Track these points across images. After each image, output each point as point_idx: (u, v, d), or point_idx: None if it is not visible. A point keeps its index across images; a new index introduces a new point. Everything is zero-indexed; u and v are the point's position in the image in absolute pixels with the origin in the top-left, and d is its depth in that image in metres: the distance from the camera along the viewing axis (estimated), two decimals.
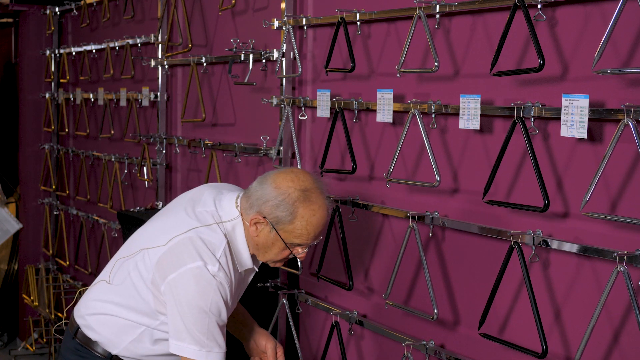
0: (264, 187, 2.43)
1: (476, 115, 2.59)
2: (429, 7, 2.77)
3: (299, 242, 2.44)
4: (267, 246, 2.46)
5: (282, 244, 2.44)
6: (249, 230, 2.46)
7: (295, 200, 2.39)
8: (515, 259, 2.48)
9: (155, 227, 2.54)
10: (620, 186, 2.27)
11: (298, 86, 3.60)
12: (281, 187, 2.40)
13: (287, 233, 2.41)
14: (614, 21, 2.15)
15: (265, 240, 2.45)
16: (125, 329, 2.50)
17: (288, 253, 2.47)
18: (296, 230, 2.40)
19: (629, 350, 2.28)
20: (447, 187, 2.84)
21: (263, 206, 2.41)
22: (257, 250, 2.49)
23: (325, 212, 2.44)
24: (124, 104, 5.09)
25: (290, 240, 2.43)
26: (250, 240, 2.47)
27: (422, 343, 2.86)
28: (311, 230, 2.41)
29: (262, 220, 2.41)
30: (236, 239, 2.46)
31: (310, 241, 2.45)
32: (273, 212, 2.39)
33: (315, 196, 2.41)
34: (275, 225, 2.40)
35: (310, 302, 3.47)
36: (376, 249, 3.21)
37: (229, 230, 2.45)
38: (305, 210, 2.39)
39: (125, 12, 5.16)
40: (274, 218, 2.40)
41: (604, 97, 2.28)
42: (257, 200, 2.42)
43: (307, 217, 2.39)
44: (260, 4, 3.86)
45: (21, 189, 6.72)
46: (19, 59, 6.62)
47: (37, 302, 6.23)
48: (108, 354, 2.52)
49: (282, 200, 2.39)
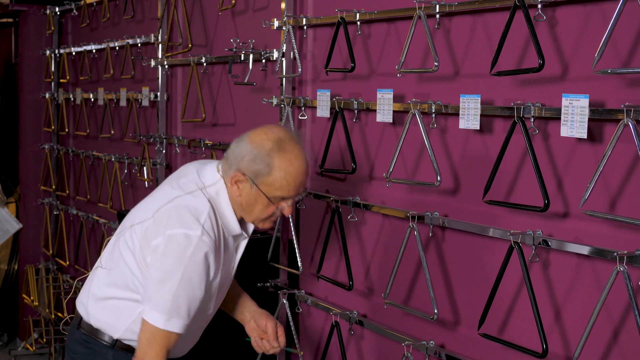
0: (239, 144, 2.44)
1: (476, 115, 2.59)
2: (429, 7, 2.77)
3: (281, 195, 2.42)
4: (250, 204, 2.45)
5: (265, 199, 2.42)
6: (232, 192, 2.46)
7: (269, 151, 2.39)
8: (515, 259, 2.48)
9: (143, 205, 2.56)
10: (620, 186, 2.27)
11: (298, 86, 3.60)
12: (255, 140, 2.41)
13: (268, 186, 2.40)
14: (614, 21, 2.15)
15: (248, 198, 2.44)
16: (124, 310, 2.49)
17: (273, 209, 2.45)
18: (276, 182, 2.39)
19: (628, 350, 2.28)
20: (447, 187, 2.84)
21: (240, 163, 2.41)
22: (242, 211, 2.48)
23: (303, 162, 2.43)
24: (124, 104, 5.09)
25: (272, 193, 2.41)
26: (235, 202, 2.47)
27: (422, 343, 2.86)
28: (291, 181, 2.40)
29: (242, 177, 2.41)
30: (221, 203, 2.46)
31: (292, 193, 2.43)
32: (250, 166, 2.40)
33: (291, 146, 2.41)
34: (255, 179, 2.40)
35: (310, 302, 3.47)
36: (376, 249, 3.21)
37: (212, 195, 2.45)
38: (281, 160, 2.39)
39: (125, 12, 5.16)
40: (252, 172, 2.40)
41: (604, 97, 2.28)
42: (234, 159, 2.43)
43: (285, 167, 2.39)
44: (260, 4, 3.86)
45: (21, 189, 6.72)
46: (19, 59, 6.62)
47: (37, 302, 6.23)
48: (113, 341, 2.52)
49: (257, 154, 2.39)
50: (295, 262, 3.45)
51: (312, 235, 3.57)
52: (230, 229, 2.48)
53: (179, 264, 2.33)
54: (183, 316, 2.36)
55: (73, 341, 2.60)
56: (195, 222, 2.36)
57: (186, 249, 2.33)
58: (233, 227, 2.49)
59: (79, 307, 2.60)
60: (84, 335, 2.56)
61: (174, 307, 2.34)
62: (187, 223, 2.36)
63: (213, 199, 2.45)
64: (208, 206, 2.41)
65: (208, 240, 2.36)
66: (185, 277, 2.34)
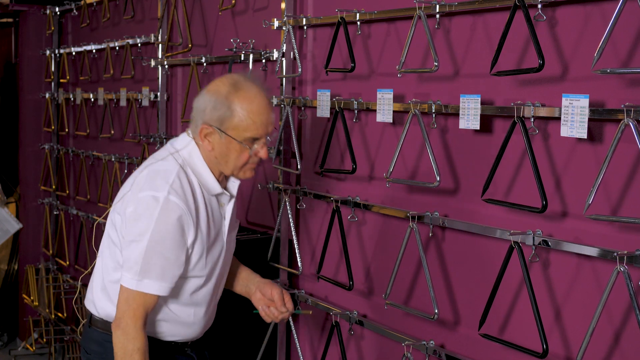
0: (199, 99, 2.47)
1: (476, 115, 2.59)
2: (429, 7, 2.77)
3: (251, 135, 2.42)
4: (224, 154, 2.46)
5: (237, 145, 2.43)
6: (205, 151, 2.47)
7: (227, 94, 2.41)
8: (515, 259, 2.48)
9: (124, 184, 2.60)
10: (621, 186, 2.27)
11: (298, 86, 3.60)
12: (212, 89, 2.45)
13: (235, 130, 2.41)
14: (613, 21, 2.15)
15: (220, 148, 2.45)
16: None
17: (247, 153, 2.45)
18: (241, 122, 2.40)
19: (629, 350, 2.28)
20: (447, 187, 2.84)
21: (204, 115, 2.43)
22: (219, 165, 2.48)
23: (264, 100, 2.44)
24: (124, 104, 5.09)
25: (242, 136, 2.42)
26: (210, 159, 2.48)
27: (422, 343, 2.86)
28: (256, 119, 2.41)
29: (209, 128, 2.43)
30: (195, 164, 2.47)
31: (261, 131, 2.43)
32: (213, 115, 2.41)
33: (247, 85, 2.43)
34: (221, 127, 2.41)
35: (310, 302, 3.47)
36: (376, 249, 3.21)
37: (186, 157, 2.47)
38: (240, 100, 2.40)
39: (125, 12, 5.16)
40: (217, 120, 2.41)
41: (604, 97, 2.28)
42: (197, 114, 2.46)
43: (246, 106, 2.40)
44: (260, 4, 3.86)
45: (21, 189, 6.72)
46: (19, 59, 6.62)
47: (37, 302, 6.23)
48: None
49: (217, 100, 2.41)
50: (295, 262, 3.45)
51: (312, 235, 3.57)
52: (209, 188, 2.49)
53: (148, 225, 2.35)
54: (156, 277, 2.36)
55: (87, 340, 2.59)
56: (163, 184, 2.38)
57: (154, 210, 2.35)
58: (212, 185, 2.49)
59: (87, 305, 2.60)
60: (96, 332, 2.54)
61: (144, 268, 2.35)
62: (155, 185, 2.39)
63: (187, 161, 2.46)
64: (177, 167, 2.43)
65: (176, 200, 2.37)
66: (155, 238, 2.34)
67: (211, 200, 2.50)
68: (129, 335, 2.36)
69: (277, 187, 3.57)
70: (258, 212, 3.96)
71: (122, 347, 2.36)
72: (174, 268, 2.38)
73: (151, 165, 2.46)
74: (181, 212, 2.37)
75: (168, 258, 2.37)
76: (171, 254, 2.37)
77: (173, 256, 2.37)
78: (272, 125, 2.48)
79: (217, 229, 2.52)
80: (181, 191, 2.39)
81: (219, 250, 2.54)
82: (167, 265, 2.37)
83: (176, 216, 2.36)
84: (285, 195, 3.52)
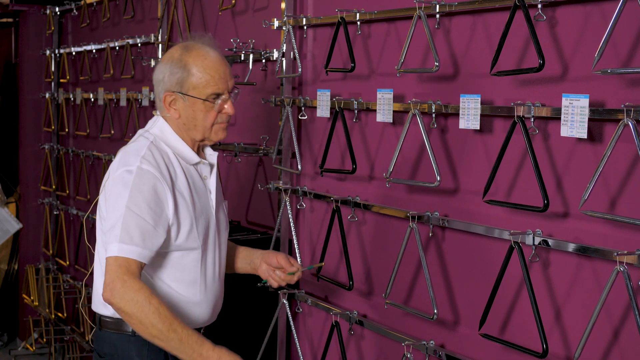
0: (155, 72, 2.52)
1: (476, 115, 2.59)
2: (429, 7, 2.77)
3: (212, 91, 2.44)
4: (191, 118, 2.48)
5: (201, 103, 2.45)
6: (173, 121, 2.50)
7: (179, 56, 2.46)
8: (515, 259, 2.48)
9: None
10: (620, 186, 2.27)
11: (298, 86, 3.60)
12: (165, 58, 2.50)
13: (195, 89, 2.44)
14: (614, 21, 2.15)
15: (186, 112, 2.48)
16: None
17: (214, 112, 2.47)
18: (200, 80, 2.44)
19: (628, 350, 2.28)
20: (447, 187, 2.84)
21: (163, 84, 2.48)
22: (189, 131, 2.50)
23: (217, 56, 2.48)
24: (124, 104, 5.09)
25: (203, 93, 2.44)
26: (180, 128, 2.50)
27: (422, 343, 2.86)
28: (213, 73, 2.44)
29: (171, 94, 2.47)
30: (168, 138, 2.49)
31: (221, 85, 2.46)
32: (172, 80, 2.45)
33: (198, 46, 2.47)
34: (181, 89, 2.45)
35: (310, 302, 3.47)
36: (376, 249, 3.21)
37: (157, 134, 2.50)
38: (193, 58, 2.45)
39: (125, 12, 5.16)
40: (176, 84, 2.45)
41: (604, 97, 2.28)
42: (157, 85, 2.50)
43: (200, 62, 2.44)
44: (260, 4, 3.86)
45: (21, 189, 6.72)
46: (19, 59, 6.62)
47: (37, 302, 6.23)
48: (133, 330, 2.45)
49: (171, 65, 2.46)
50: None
51: (312, 235, 3.57)
52: (186, 157, 2.50)
53: (124, 194, 2.35)
54: (137, 243, 2.32)
55: (99, 344, 2.55)
56: (135, 157, 2.41)
57: (128, 181, 2.36)
58: (187, 154, 2.50)
59: (96, 309, 2.56)
60: (107, 333, 2.51)
61: (124, 234, 2.31)
62: (128, 161, 2.41)
63: (158, 137, 2.49)
64: (147, 142, 2.45)
65: (150, 168, 2.38)
66: (132, 204, 2.33)
67: (190, 171, 2.51)
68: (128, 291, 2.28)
69: (277, 187, 3.57)
70: (258, 212, 3.96)
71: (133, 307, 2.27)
72: (154, 236, 2.35)
73: (123, 148, 2.50)
74: (155, 180, 2.38)
75: (147, 223, 2.34)
76: (150, 219, 2.35)
77: (152, 222, 2.35)
78: (232, 80, 2.50)
79: (204, 203, 2.52)
80: (154, 161, 2.41)
81: (208, 222, 2.53)
82: (146, 231, 2.34)
83: (151, 183, 2.37)
84: (285, 195, 3.52)
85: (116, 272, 2.30)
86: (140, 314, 2.28)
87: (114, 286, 2.29)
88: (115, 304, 2.30)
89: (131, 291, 2.28)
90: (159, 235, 2.37)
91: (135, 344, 2.46)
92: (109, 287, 2.30)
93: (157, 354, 2.45)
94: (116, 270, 2.31)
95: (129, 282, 2.29)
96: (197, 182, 2.52)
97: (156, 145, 2.46)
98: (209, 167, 2.57)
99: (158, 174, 2.38)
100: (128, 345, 2.47)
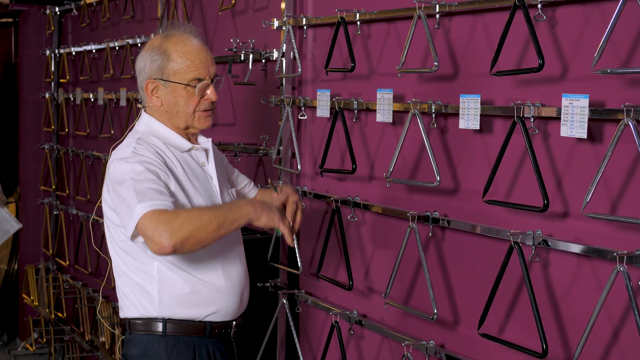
0: (136, 62, 2.53)
1: (476, 115, 2.59)
2: (429, 7, 2.77)
3: (194, 76, 2.45)
4: (173, 104, 2.48)
5: (182, 89, 2.45)
6: (157, 111, 2.50)
7: (159, 43, 2.48)
8: (515, 259, 2.48)
9: None
10: (620, 186, 2.27)
11: (298, 86, 3.60)
12: (145, 47, 2.52)
13: (176, 74, 2.45)
14: (614, 21, 2.15)
15: (168, 99, 2.48)
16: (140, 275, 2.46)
17: (196, 97, 2.47)
18: (180, 65, 2.45)
19: (628, 350, 2.28)
20: (447, 187, 2.84)
21: (144, 72, 2.49)
22: (172, 118, 2.50)
23: (198, 42, 2.49)
24: (124, 104, 5.09)
25: (184, 78, 2.45)
26: (164, 117, 2.50)
27: (422, 343, 2.86)
28: (194, 58, 2.45)
29: (153, 82, 2.48)
30: (157, 130, 2.50)
31: (202, 70, 2.46)
32: (152, 67, 2.47)
33: (177, 33, 2.50)
34: (162, 75, 2.46)
35: (310, 302, 3.47)
36: (376, 249, 3.21)
37: (143, 129, 2.51)
38: (173, 44, 2.46)
39: (125, 12, 5.16)
40: (157, 71, 2.46)
41: (604, 97, 2.28)
42: (139, 75, 2.52)
43: (180, 48, 2.46)
44: (260, 4, 3.86)
45: (21, 189, 6.72)
46: (19, 59, 6.63)
47: (37, 302, 6.24)
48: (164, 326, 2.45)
49: (152, 52, 2.48)
50: (295, 262, 3.45)
51: (312, 235, 3.57)
52: (177, 145, 2.50)
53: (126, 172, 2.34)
54: (154, 198, 2.28)
55: (128, 347, 2.52)
56: (127, 149, 2.43)
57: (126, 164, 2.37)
58: (178, 141, 2.51)
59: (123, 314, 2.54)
60: (138, 336, 2.49)
61: (139, 196, 2.28)
62: (121, 154, 2.43)
63: (145, 131, 2.49)
64: (136, 136, 2.47)
65: (143, 151, 2.39)
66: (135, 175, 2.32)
67: (186, 159, 2.50)
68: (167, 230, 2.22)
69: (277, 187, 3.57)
70: None
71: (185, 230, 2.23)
72: (166, 193, 2.33)
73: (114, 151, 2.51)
74: (151, 157, 2.39)
75: (156, 184, 2.32)
76: (158, 182, 2.33)
77: (161, 183, 2.34)
78: (214, 66, 2.51)
79: (206, 188, 2.51)
80: (146, 147, 2.42)
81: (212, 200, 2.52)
82: (158, 189, 2.31)
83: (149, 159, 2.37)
84: None
85: (152, 225, 2.24)
86: (194, 229, 2.25)
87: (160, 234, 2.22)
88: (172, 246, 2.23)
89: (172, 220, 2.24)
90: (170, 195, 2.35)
91: (166, 344, 2.46)
92: (156, 240, 2.23)
93: (186, 353, 2.46)
94: (148, 225, 2.24)
95: (162, 224, 2.23)
96: (195, 168, 2.52)
97: (144, 139, 2.46)
98: (204, 153, 2.57)
99: (153, 155, 2.40)
100: (158, 346, 2.46)
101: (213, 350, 2.50)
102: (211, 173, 2.56)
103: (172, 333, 2.46)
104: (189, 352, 2.46)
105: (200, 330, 2.48)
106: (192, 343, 2.47)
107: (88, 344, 5.67)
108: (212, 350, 2.50)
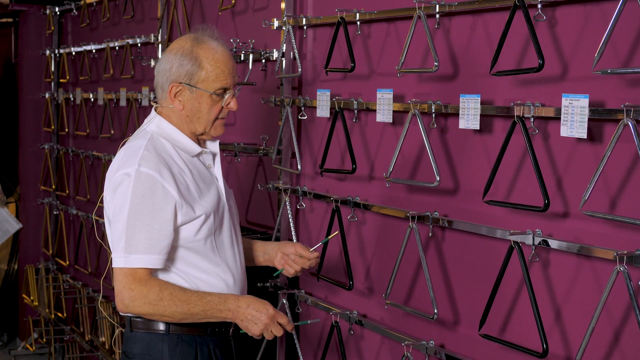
0: (161, 63, 2.49)
1: (476, 115, 2.59)
2: (429, 7, 2.77)
3: (221, 85, 2.45)
4: (196, 110, 2.47)
5: (208, 97, 2.45)
6: (175, 113, 2.48)
7: (191, 48, 2.45)
8: (515, 259, 2.48)
9: None
10: (620, 186, 2.27)
11: (298, 86, 3.60)
12: (173, 49, 2.48)
13: (205, 82, 2.45)
14: (614, 21, 2.15)
15: (191, 105, 2.47)
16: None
17: (219, 105, 2.47)
18: (210, 73, 2.44)
19: (629, 350, 2.28)
20: (447, 187, 2.84)
21: (170, 74, 2.46)
22: (190, 124, 2.49)
23: (226, 50, 2.50)
24: (124, 104, 5.09)
25: (212, 87, 2.45)
26: (181, 120, 2.49)
27: (422, 343, 2.86)
28: (223, 67, 2.46)
29: (178, 86, 2.46)
30: (168, 132, 2.48)
31: (230, 80, 2.47)
32: (181, 71, 2.45)
33: (207, 38, 2.49)
34: (191, 81, 2.45)
35: (310, 302, 3.47)
36: (376, 248, 3.21)
37: (154, 130, 2.49)
38: (205, 51, 2.45)
39: (125, 12, 5.16)
40: (185, 75, 2.44)
41: (604, 97, 2.28)
42: (163, 76, 2.48)
43: (211, 56, 2.45)
44: (260, 4, 3.86)
45: (21, 189, 6.72)
46: (19, 59, 6.63)
47: (37, 302, 6.24)
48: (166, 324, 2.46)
49: (181, 56, 2.45)
50: None
51: (312, 235, 3.57)
52: (188, 149, 2.50)
53: (124, 200, 2.36)
54: (144, 251, 2.33)
55: (129, 345, 2.53)
56: (133, 159, 2.40)
57: (128, 185, 2.36)
58: (189, 145, 2.50)
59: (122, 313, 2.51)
60: (139, 334, 2.50)
61: (129, 244, 2.33)
62: (126, 162, 2.40)
63: (156, 132, 2.48)
64: (145, 140, 2.44)
65: (148, 170, 2.37)
66: (133, 211, 2.34)
67: (194, 163, 2.50)
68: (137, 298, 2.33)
69: (277, 187, 3.57)
70: (258, 212, 3.96)
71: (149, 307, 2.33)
72: (161, 238, 2.36)
73: (123, 147, 2.50)
74: (155, 181, 2.37)
75: (151, 228, 2.35)
76: (154, 224, 2.35)
77: (157, 225, 2.35)
78: (237, 76, 2.52)
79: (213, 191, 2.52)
80: (152, 159, 2.39)
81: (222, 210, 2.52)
82: (152, 236, 2.35)
83: (151, 185, 2.36)
84: (285, 195, 3.52)
85: (122, 282, 2.35)
86: (159, 310, 2.35)
87: (123, 297, 2.35)
88: (130, 312, 2.37)
89: (140, 296, 2.33)
90: (167, 235, 2.37)
91: (169, 342, 2.47)
92: (119, 298, 2.36)
93: (188, 352, 2.47)
94: (122, 280, 2.35)
95: (136, 289, 2.34)
96: (203, 171, 2.52)
97: (154, 141, 2.45)
98: (211, 156, 2.57)
99: (157, 175, 2.37)
100: (161, 344, 2.47)
101: (214, 349, 2.51)
102: (217, 175, 2.57)
103: (175, 332, 2.47)
104: (191, 351, 2.47)
105: (201, 329, 2.49)
106: (194, 341, 2.48)
107: (88, 344, 5.67)
108: (213, 348, 2.51)
